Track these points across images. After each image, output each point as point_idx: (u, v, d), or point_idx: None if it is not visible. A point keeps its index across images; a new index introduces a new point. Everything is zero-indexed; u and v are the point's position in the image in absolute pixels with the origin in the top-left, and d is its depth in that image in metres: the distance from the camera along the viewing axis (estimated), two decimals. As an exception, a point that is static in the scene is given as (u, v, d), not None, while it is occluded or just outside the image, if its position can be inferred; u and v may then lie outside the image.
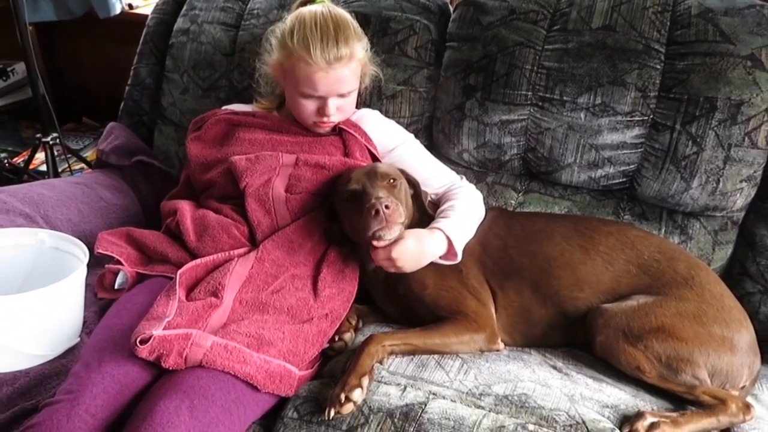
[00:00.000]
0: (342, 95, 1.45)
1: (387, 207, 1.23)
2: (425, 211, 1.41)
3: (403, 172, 1.42)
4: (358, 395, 1.10)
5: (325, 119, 1.45)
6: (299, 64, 1.40)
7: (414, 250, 1.29)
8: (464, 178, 1.53)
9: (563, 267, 1.32)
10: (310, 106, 1.45)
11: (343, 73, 1.41)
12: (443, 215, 1.38)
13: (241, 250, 1.34)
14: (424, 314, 1.31)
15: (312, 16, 1.41)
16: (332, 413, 1.09)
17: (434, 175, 1.50)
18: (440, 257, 1.34)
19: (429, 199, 1.48)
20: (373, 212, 1.23)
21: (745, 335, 1.23)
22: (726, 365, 1.19)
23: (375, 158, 1.49)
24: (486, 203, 1.50)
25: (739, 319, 1.25)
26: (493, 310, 1.32)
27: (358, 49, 1.44)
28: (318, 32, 1.38)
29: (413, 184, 1.42)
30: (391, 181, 1.33)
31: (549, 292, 1.31)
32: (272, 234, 1.36)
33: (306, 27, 1.39)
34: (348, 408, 1.09)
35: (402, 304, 1.37)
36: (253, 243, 1.38)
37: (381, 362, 1.20)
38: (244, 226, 1.38)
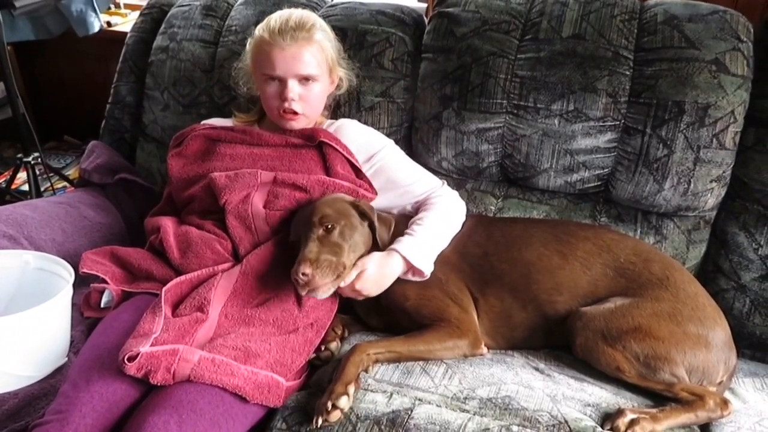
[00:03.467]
0: (302, 80, 1.48)
1: (304, 274, 1.24)
2: (380, 244, 1.38)
3: (356, 205, 1.37)
4: (344, 403, 1.12)
5: (287, 105, 1.48)
6: (261, 46, 1.49)
7: (375, 278, 1.33)
8: (446, 183, 1.56)
9: (542, 272, 1.35)
10: (272, 90, 1.49)
11: (300, 51, 1.46)
12: (409, 230, 1.40)
13: (225, 265, 1.36)
14: (407, 323, 1.33)
15: (279, 12, 1.53)
16: (320, 422, 1.10)
17: (415, 180, 1.52)
18: (410, 275, 1.36)
19: (407, 210, 1.51)
20: (294, 281, 1.26)
21: (720, 332, 1.27)
22: (702, 362, 1.22)
23: (356, 169, 1.52)
24: (466, 210, 1.52)
25: (713, 317, 1.28)
26: (475, 316, 1.35)
27: (319, 37, 1.50)
28: (280, 18, 1.49)
29: (366, 215, 1.37)
30: (328, 226, 1.30)
31: (529, 297, 1.34)
32: (254, 249, 1.38)
33: (271, 17, 1.51)
34: (335, 416, 1.11)
35: (385, 316, 1.39)
36: (237, 258, 1.39)
37: (366, 371, 1.22)
38: (226, 241, 1.40)
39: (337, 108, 1.68)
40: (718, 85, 1.45)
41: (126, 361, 1.10)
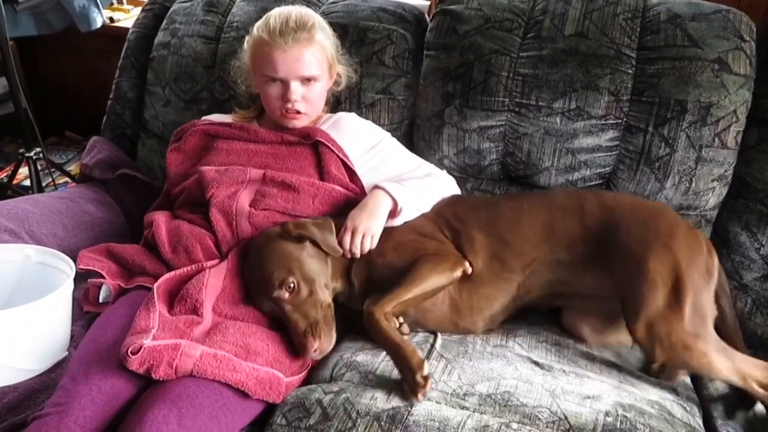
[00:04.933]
0: (304, 80, 1.49)
1: (315, 350, 1.23)
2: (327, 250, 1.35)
3: (288, 234, 1.31)
4: (427, 368, 1.14)
5: (289, 105, 1.49)
6: (261, 48, 1.48)
7: (363, 213, 1.34)
8: (446, 171, 1.57)
9: (506, 224, 1.38)
10: (273, 92, 1.49)
11: (302, 53, 1.46)
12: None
13: (213, 262, 1.34)
14: (398, 280, 1.32)
15: (277, 10, 1.52)
16: (420, 398, 1.13)
17: (414, 167, 1.54)
18: (393, 220, 1.38)
19: None
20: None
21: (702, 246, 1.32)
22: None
23: (350, 171, 1.51)
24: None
25: (696, 237, 1.33)
26: (452, 246, 1.37)
27: (320, 37, 1.50)
28: (279, 18, 1.49)
29: (302, 237, 1.31)
30: (290, 287, 1.26)
31: (498, 249, 1.36)
32: (236, 245, 1.37)
33: (270, 16, 1.51)
34: (429, 387, 1.13)
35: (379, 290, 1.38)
36: (221, 253, 1.38)
37: (400, 326, 1.28)
38: (214, 235, 1.39)
39: (337, 104, 1.69)
40: (721, 84, 1.45)
41: (129, 354, 1.09)
